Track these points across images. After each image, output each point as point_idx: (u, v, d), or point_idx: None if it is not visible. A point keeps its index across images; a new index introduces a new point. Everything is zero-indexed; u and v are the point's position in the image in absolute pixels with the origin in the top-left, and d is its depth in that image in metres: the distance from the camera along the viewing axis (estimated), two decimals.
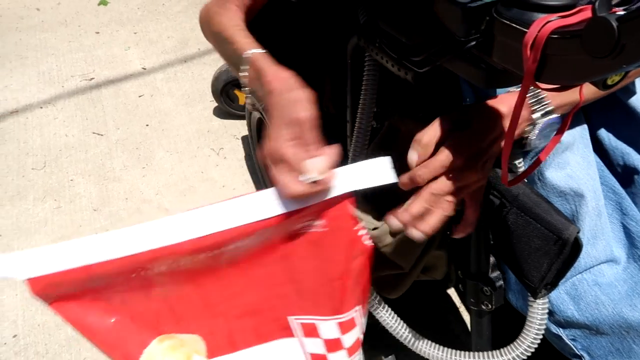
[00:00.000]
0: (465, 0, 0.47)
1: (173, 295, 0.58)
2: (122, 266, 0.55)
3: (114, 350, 0.56)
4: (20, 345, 1.20)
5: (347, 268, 0.59)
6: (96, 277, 0.54)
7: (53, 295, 0.54)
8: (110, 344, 0.56)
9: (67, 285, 0.54)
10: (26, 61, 2.05)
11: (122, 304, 0.56)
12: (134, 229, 0.55)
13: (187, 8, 2.33)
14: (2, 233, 1.44)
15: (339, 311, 0.61)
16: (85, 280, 0.54)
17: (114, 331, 0.56)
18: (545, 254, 0.60)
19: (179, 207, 1.49)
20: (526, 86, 0.41)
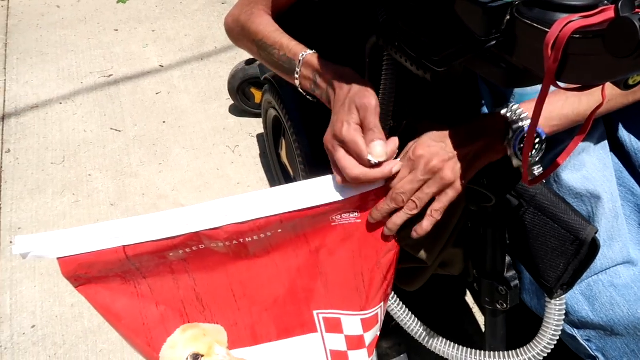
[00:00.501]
0: (486, 0, 0.48)
1: (202, 284, 0.59)
2: (156, 249, 0.55)
3: (138, 336, 0.57)
4: (38, 335, 1.23)
5: (378, 262, 0.60)
6: (130, 259, 0.55)
7: (83, 276, 0.55)
8: (135, 330, 0.57)
9: (99, 267, 0.55)
10: (46, 57, 2.08)
11: (150, 291, 0.57)
12: (169, 212, 0.56)
13: (204, 6, 2.35)
14: (21, 226, 1.47)
15: (364, 307, 0.62)
16: (117, 263, 0.55)
17: (140, 318, 0.57)
18: (562, 254, 0.60)
19: (194, 203, 1.50)
20: (547, 85, 0.42)
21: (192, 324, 0.59)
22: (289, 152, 1.34)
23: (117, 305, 0.56)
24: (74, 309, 1.28)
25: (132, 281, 0.57)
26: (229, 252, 0.58)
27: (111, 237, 0.55)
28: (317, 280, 0.61)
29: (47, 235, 0.55)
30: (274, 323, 0.62)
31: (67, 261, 0.55)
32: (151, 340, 0.57)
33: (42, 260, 1.41)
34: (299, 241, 0.59)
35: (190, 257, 0.57)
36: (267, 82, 1.30)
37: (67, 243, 0.55)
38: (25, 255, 0.56)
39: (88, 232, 0.55)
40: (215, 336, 0.58)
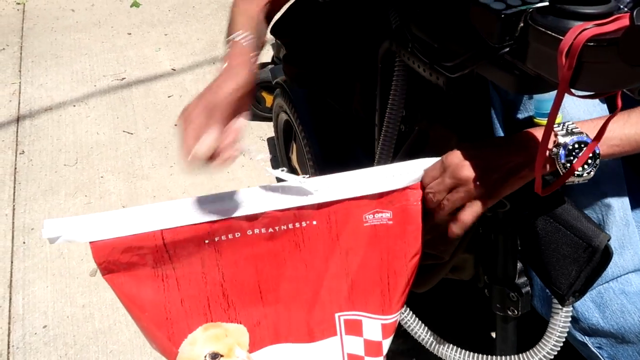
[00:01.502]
0: (500, 8, 0.48)
1: (230, 279, 0.59)
2: (193, 234, 0.55)
3: (159, 329, 0.57)
4: (49, 335, 1.24)
5: (405, 265, 0.60)
6: (166, 245, 0.54)
7: (114, 263, 0.54)
8: (158, 323, 0.57)
9: (132, 254, 0.54)
10: (61, 60, 2.11)
11: (177, 285, 0.57)
12: (209, 197, 0.56)
13: (216, 11, 2.37)
14: (34, 226, 1.49)
15: (386, 311, 0.62)
16: (151, 248, 0.54)
17: (163, 312, 0.57)
18: (574, 261, 0.60)
19: None
20: (561, 93, 0.42)
21: (215, 324, 0.59)
22: (299, 155, 1.35)
23: (143, 297, 0.56)
24: (84, 309, 1.29)
25: (161, 274, 0.56)
26: (262, 244, 0.58)
27: (149, 220, 0.54)
28: (343, 281, 0.62)
29: (78, 218, 0.53)
30: (296, 323, 0.62)
31: (101, 245, 0.53)
32: (172, 335, 0.57)
33: (54, 261, 1.43)
34: (330, 241, 0.60)
35: (224, 246, 0.57)
36: (279, 86, 1.31)
37: (101, 226, 0.53)
38: (54, 240, 0.54)
39: (124, 216, 0.54)
40: (237, 337, 0.58)
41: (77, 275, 1.36)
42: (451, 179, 0.58)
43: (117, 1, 2.47)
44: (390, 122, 0.77)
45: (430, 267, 0.71)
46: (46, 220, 0.54)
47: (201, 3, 2.43)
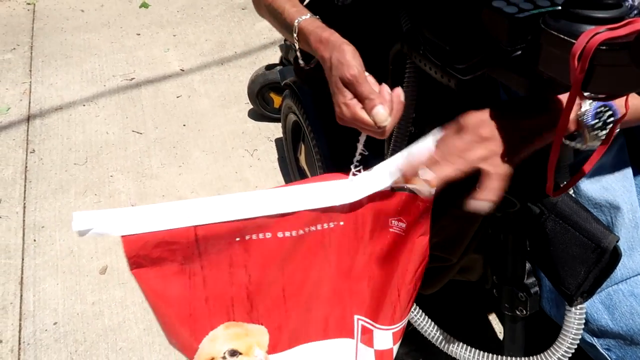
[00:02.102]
0: (512, 11, 0.49)
1: (255, 281, 0.59)
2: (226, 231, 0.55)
3: (182, 325, 0.57)
4: (60, 332, 1.26)
5: (413, 277, 0.61)
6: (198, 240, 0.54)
7: (144, 258, 0.54)
8: (181, 319, 0.57)
9: (163, 249, 0.54)
10: (70, 60, 2.13)
11: (204, 284, 0.57)
12: (244, 194, 0.56)
13: (224, 12, 2.38)
14: (45, 224, 1.51)
15: (396, 321, 0.62)
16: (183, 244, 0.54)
17: (188, 309, 0.57)
18: (583, 262, 0.61)
19: None
20: (573, 95, 0.42)
21: (237, 323, 0.59)
22: (308, 156, 1.36)
23: (168, 294, 0.56)
24: (94, 307, 1.30)
25: (188, 271, 0.56)
26: (290, 247, 0.58)
27: (183, 216, 0.53)
28: (365, 284, 0.62)
29: (110, 212, 0.53)
30: (316, 323, 0.63)
31: (133, 240, 0.52)
32: (194, 331, 0.58)
33: (65, 259, 1.44)
34: (356, 242, 0.60)
35: (253, 246, 0.57)
36: (288, 87, 1.32)
37: (135, 220, 0.52)
38: (84, 233, 0.53)
39: (157, 211, 0.53)
40: (257, 337, 0.59)
41: (87, 273, 1.38)
42: (471, 135, 0.55)
43: (127, 2, 2.49)
44: (401, 124, 0.77)
45: (438, 269, 0.72)
46: (75, 213, 0.53)
47: (209, 4, 2.44)
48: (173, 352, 1.21)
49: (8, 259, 1.42)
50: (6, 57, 2.16)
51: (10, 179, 1.64)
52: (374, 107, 0.58)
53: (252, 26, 2.28)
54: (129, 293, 1.33)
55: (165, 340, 1.28)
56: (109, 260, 1.40)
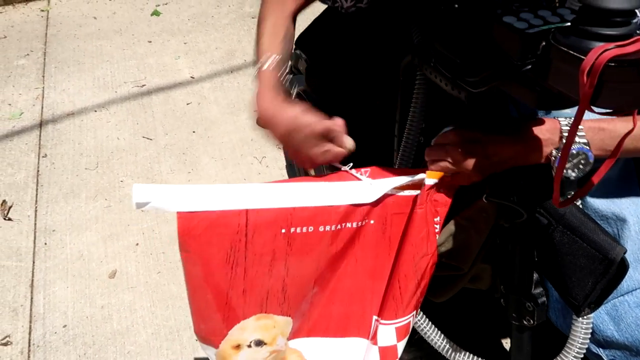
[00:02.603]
0: (523, 27, 0.50)
1: (292, 274, 0.60)
2: (274, 218, 0.57)
3: (217, 312, 0.59)
4: (69, 335, 1.27)
5: (414, 266, 0.62)
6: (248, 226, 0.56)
7: (194, 238, 0.54)
8: (218, 307, 0.58)
9: (212, 232, 0.55)
10: (83, 67, 2.16)
11: (244, 275, 0.58)
12: (295, 184, 0.58)
13: (234, 21, 2.41)
14: (56, 228, 1.52)
15: (399, 314, 0.64)
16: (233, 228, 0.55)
17: (225, 298, 0.58)
18: (590, 273, 0.61)
19: None
20: (582, 110, 0.44)
21: (267, 315, 0.61)
22: None
23: (209, 281, 0.57)
24: (103, 310, 1.32)
25: (232, 261, 0.57)
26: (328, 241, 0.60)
27: (237, 198, 0.54)
28: (385, 283, 0.64)
29: (169, 187, 0.53)
30: (337, 319, 0.64)
31: (187, 217, 0.53)
32: (226, 318, 0.59)
33: (75, 262, 1.46)
34: (383, 241, 0.62)
35: (296, 239, 0.58)
36: (297, 96, 1.34)
37: (191, 198, 0.53)
38: (143, 205, 0.53)
39: (213, 190, 0.54)
40: (282, 328, 0.61)
41: (97, 276, 1.39)
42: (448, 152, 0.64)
43: (138, 10, 2.53)
44: (410, 134, 0.79)
45: (450, 278, 0.73)
46: (135, 185, 0.53)
47: (220, 13, 2.47)
48: (181, 357, 1.22)
49: (19, 261, 1.44)
50: (20, 63, 2.19)
51: (22, 183, 1.67)
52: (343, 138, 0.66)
53: None
54: (138, 297, 1.34)
55: (172, 345, 1.29)
56: (118, 264, 1.42)
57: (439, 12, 0.68)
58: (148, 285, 1.37)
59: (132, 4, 2.57)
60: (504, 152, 0.62)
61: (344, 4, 0.76)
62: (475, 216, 0.67)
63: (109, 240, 1.48)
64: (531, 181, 0.64)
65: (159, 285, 1.37)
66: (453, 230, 0.70)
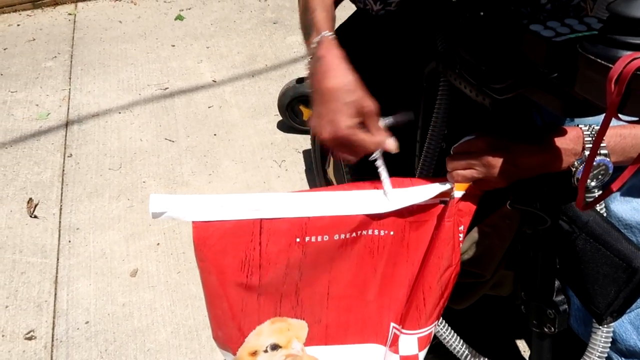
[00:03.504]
0: (550, 35, 0.51)
1: (306, 279, 0.61)
2: (289, 228, 0.57)
3: (232, 320, 0.60)
4: (91, 331, 1.30)
5: (439, 279, 0.63)
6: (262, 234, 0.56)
7: (210, 247, 0.56)
8: (232, 315, 0.60)
9: (227, 241, 0.56)
10: (108, 69, 2.21)
11: (259, 282, 0.60)
12: (309, 194, 0.58)
13: (256, 26, 2.44)
14: (79, 226, 1.56)
15: (422, 325, 0.64)
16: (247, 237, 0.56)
17: (240, 305, 0.60)
18: (613, 281, 0.61)
19: None
20: (608, 118, 0.44)
21: (282, 318, 0.62)
22: (336, 169, 1.38)
23: (225, 290, 0.59)
24: (124, 308, 1.34)
25: (247, 268, 0.58)
26: (342, 249, 0.61)
27: (251, 207, 0.55)
28: (405, 292, 0.64)
29: (185, 197, 0.54)
30: (354, 326, 0.65)
31: (202, 226, 0.54)
32: (242, 325, 0.60)
33: (97, 260, 1.49)
34: (402, 250, 0.63)
35: (311, 248, 0.59)
36: None
37: (206, 208, 0.54)
38: (159, 215, 0.54)
39: (228, 200, 0.55)
40: (297, 331, 0.62)
41: (119, 275, 1.42)
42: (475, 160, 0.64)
43: (163, 14, 2.57)
44: (432, 140, 0.79)
45: (471, 285, 0.73)
46: (152, 195, 0.55)
47: (242, 18, 2.51)
48: (199, 356, 1.24)
49: (44, 258, 1.47)
50: (48, 65, 2.25)
51: (48, 182, 1.71)
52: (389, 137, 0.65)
53: (282, 40, 2.33)
54: (158, 296, 1.36)
55: (191, 344, 1.31)
56: (139, 263, 1.45)
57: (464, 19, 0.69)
58: (168, 284, 1.39)
59: (157, 8, 2.62)
60: (532, 160, 0.63)
61: (374, 6, 0.77)
62: (499, 223, 0.67)
63: (131, 240, 1.51)
64: (554, 188, 0.65)
65: (179, 285, 1.39)
66: (476, 237, 0.70)
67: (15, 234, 1.54)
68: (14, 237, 1.53)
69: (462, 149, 0.68)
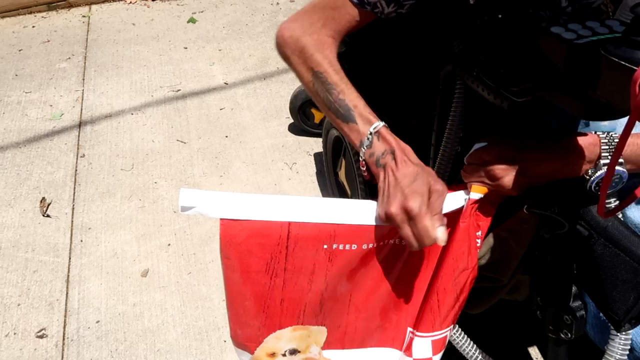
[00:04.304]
0: (571, 37, 0.50)
1: (330, 288, 0.60)
2: (317, 234, 0.56)
3: (254, 319, 0.59)
4: (102, 330, 1.30)
5: (454, 281, 0.62)
6: (289, 238, 0.55)
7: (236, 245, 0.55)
8: (255, 313, 0.59)
9: (254, 241, 0.55)
10: (121, 71, 2.23)
11: (283, 286, 0.59)
12: (341, 200, 0.57)
13: (268, 29, 2.45)
14: (91, 226, 1.57)
15: (436, 328, 0.63)
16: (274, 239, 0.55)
17: (263, 305, 0.59)
18: (633, 287, 0.60)
19: None
20: (632, 121, 0.43)
21: (304, 326, 0.61)
22: (347, 171, 1.38)
23: (249, 289, 0.58)
24: (135, 308, 1.35)
25: (272, 272, 0.58)
26: (369, 258, 0.60)
27: (281, 210, 0.54)
28: (421, 296, 0.64)
29: (214, 193, 0.54)
30: (371, 331, 0.64)
31: (230, 224, 0.54)
32: (263, 326, 0.60)
33: (109, 260, 1.50)
34: (422, 256, 0.62)
35: (337, 256, 0.58)
36: None
37: (234, 206, 0.53)
38: (187, 209, 0.54)
39: (257, 200, 0.54)
40: (315, 337, 0.61)
41: (130, 275, 1.43)
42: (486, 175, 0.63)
43: (175, 17, 2.59)
44: (448, 143, 0.79)
45: (488, 290, 0.72)
46: (182, 189, 0.54)
47: (254, 21, 2.52)
48: (209, 357, 1.24)
49: (56, 257, 1.48)
50: (62, 66, 2.27)
51: (61, 182, 1.72)
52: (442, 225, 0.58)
53: None
54: (168, 296, 1.37)
55: (201, 345, 1.31)
56: (150, 263, 1.45)
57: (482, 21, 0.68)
58: (179, 285, 1.39)
59: (170, 11, 2.64)
60: (541, 168, 0.62)
61: (385, 9, 0.77)
62: (516, 227, 0.66)
63: (142, 240, 1.52)
64: (573, 192, 0.64)
65: (189, 286, 1.39)
66: (492, 242, 0.69)
67: (28, 233, 1.55)
68: (26, 236, 1.54)
69: (471, 160, 0.67)
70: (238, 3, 2.66)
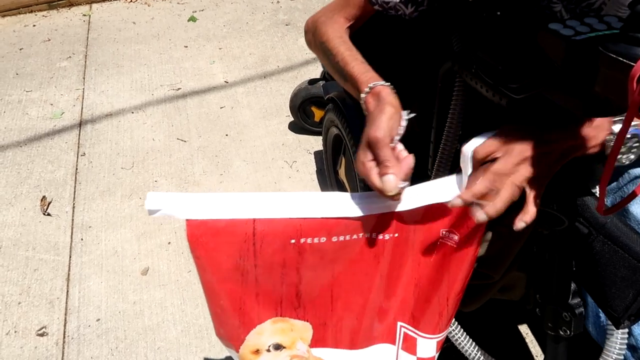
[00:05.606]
0: (569, 34, 0.50)
1: (306, 281, 0.60)
2: (283, 229, 0.56)
3: (232, 317, 0.59)
4: (102, 328, 1.30)
5: (462, 288, 0.62)
6: (255, 235, 0.56)
7: (203, 244, 0.56)
8: (232, 311, 0.59)
9: (221, 239, 0.56)
10: (121, 69, 2.23)
11: (256, 282, 0.59)
12: (306, 194, 0.57)
13: (268, 27, 2.45)
14: (92, 224, 1.57)
15: (441, 330, 0.63)
16: (241, 236, 0.56)
17: (238, 302, 0.60)
18: (631, 284, 0.60)
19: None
20: (630, 117, 0.43)
21: (283, 318, 0.61)
22: (347, 169, 1.38)
23: (222, 286, 0.59)
24: (135, 306, 1.35)
25: (242, 268, 0.58)
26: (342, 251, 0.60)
27: (245, 207, 0.55)
28: (411, 292, 0.63)
29: (180, 195, 0.55)
30: (359, 330, 0.64)
31: (196, 224, 0.54)
32: (242, 323, 0.60)
33: (109, 258, 1.50)
34: (407, 250, 0.62)
35: (307, 250, 0.59)
36: (331, 101, 1.35)
37: (200, 206, 0.54)
38: (154, 212, 0.55)
39: (222, 199, 0.55)
40: (301, 333, 0.61)
41: (130, 273, 1.43)
42: (515, 158, 0.58)
43: (176, 16, 2.59)
44: (447, 141, 0.79)
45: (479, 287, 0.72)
46: (149, 193, 0.55)
47: (254, 20, 2.52)
48: (209, 354, 1.24)
49: (57, 255, 1.48)
50: (62, 65, 2.27)
51: (61, 180, 1.72)
52: (386, 174, 0.57)
53: (294, 41, 2.34)
54: (168, 295, 1.37)
55: (201, 342, 1.31)
56: (150, 262, 1.45)
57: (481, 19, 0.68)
58: (179, 283, 1.39)
59: (170, 10, 2.64)
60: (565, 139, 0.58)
61: (406, 10, 0.78)
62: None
63: (142, 238, 1.52)
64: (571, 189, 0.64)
65: (189, 284, 1.39)
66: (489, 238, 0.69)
67: (29, 231, 1.55)
68: (27, 235, 1.54)
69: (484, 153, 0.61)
70: (238, 1, 2.66)
